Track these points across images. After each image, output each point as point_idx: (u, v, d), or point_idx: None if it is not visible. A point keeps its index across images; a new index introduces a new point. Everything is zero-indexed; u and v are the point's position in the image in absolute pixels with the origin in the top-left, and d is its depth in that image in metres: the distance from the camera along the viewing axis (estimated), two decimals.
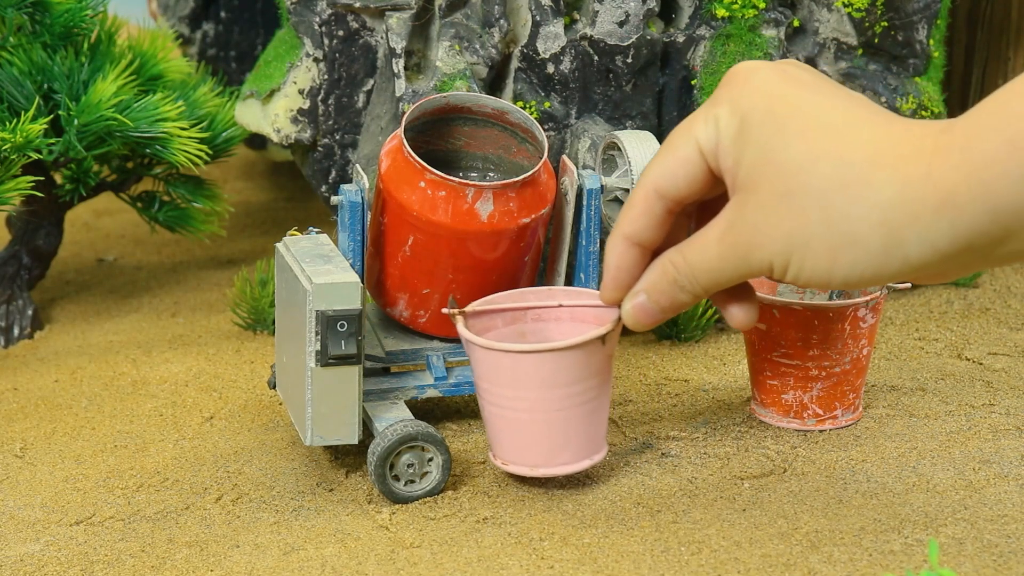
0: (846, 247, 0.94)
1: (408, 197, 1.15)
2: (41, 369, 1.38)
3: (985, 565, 1.03)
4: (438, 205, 1.15)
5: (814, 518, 1.10)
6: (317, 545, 1.09)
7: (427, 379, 1.21)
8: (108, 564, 1.08)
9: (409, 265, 1.18)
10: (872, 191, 0.92)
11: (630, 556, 1.06)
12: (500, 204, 1.15)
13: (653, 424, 1.24)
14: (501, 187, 1.15)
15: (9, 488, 1.18)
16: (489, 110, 1.19)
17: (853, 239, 0.93)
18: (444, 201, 1.15)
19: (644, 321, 1.07)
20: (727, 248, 0.99)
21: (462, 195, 1.14)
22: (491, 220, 1.15)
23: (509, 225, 1.16)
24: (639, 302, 1.06)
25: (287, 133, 1.36)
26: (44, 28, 1.41)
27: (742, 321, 1.07)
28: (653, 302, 1.06)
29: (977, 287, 1.48)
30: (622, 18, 1.32)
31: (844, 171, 0.93)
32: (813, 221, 0.94)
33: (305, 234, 1.19)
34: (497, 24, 1.32)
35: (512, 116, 1.19)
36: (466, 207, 1.14)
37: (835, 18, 1.38)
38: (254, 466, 1.20)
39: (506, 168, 1.21)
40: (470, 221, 1.15)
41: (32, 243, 1.47)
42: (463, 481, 1.17)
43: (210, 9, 1.74)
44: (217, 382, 1.34)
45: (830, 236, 0.94)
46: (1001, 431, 1.21)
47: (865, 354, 1.22)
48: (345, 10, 1.33)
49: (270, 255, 1.56)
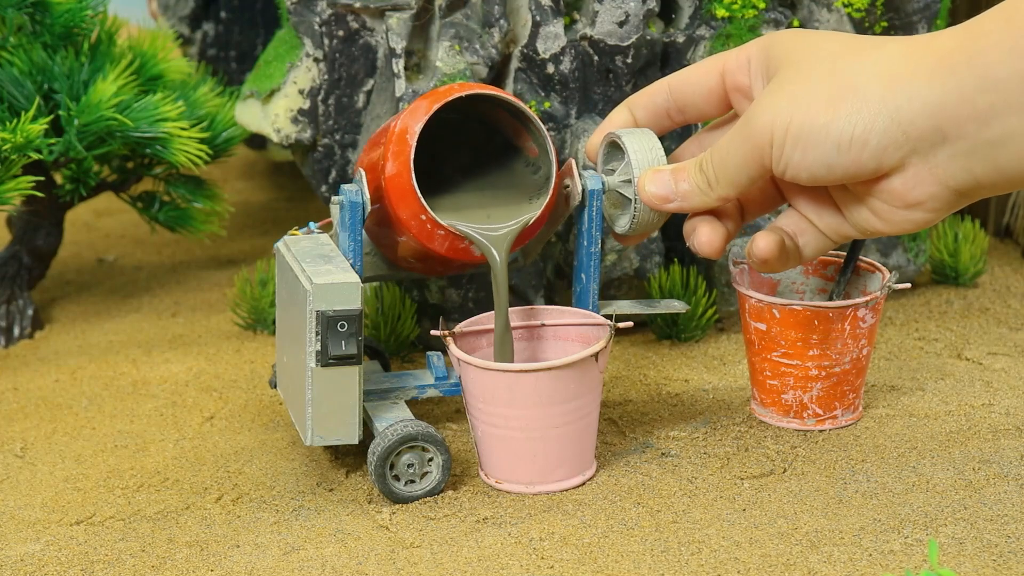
0: (846, 96, 1.00)
1: (408, 220, 1.15)
2: (41, 369, 1.38)
3: (985, 565, 1.04)
4: (435, 238, 1.15)
5: (814, 518, 1.10)
6: (317, 545, 1.09)
7: (427, 379, 1.21)
8: (108, 564, 1.08)
9: (405, 247, 1.19)
10: (880, 51, 1.00)
11: (630, 556, 1.06)
12: None
13: (653, 424, 1.24)
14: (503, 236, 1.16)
15: (9, 488, 1.18)
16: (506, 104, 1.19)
17: (854, 87, 0.99)
18: (442, 238, 1.15)
19: (656, 191, 1.12)
20: (737, 128, 1.05)
21: (461, 238, 1.15)
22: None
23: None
24: (662, 172, 1.12)
25: (287, 133, 1.36)
26: (44, 28, 1.41)
27: (704, 242, 1.11)
28: (673, 177, 1.11)
29: (977, 287, 1.48)
30: (622, 18, 1.32)
31: (856, 42, 1.02)
32: (819, 78, 1.01)
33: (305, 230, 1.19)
34: (497, 24, 1.32)
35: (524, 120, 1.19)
36: (463, 245, 1.15)
37: (835, 18, 1.38)
38: (254, 466, 1.20)
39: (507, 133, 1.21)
40: (464, 253, 1.17)
41: (32, 243, 1.47)
42: (463, 481, 1.17)
43: (210, 9, 1.74)
44: (217, 382, 1.34)
45: (832, 87, 1.00)
46: (1001, 431, 1.21)
47: (865, 354, 1.22)
48: (345, 10, 1.33)
49: (270, 255, 1.56)
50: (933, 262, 1.48)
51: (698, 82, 1.12)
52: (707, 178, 1.08)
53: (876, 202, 1.03)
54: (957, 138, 0.97)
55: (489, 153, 1.22)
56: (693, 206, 1.10)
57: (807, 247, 1.10)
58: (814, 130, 1.00)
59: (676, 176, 1.11)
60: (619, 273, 1.36)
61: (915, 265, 1.45)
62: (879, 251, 1.42)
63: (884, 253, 1.43)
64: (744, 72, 1.09)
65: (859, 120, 0.99)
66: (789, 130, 1.01)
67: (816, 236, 1.10)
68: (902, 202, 1.01)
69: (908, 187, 1.00)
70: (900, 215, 1.02)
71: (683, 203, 1.10)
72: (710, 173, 1.08)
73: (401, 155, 1.14)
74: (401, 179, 1.14)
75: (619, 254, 1.35)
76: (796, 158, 1.01)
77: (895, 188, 1.01)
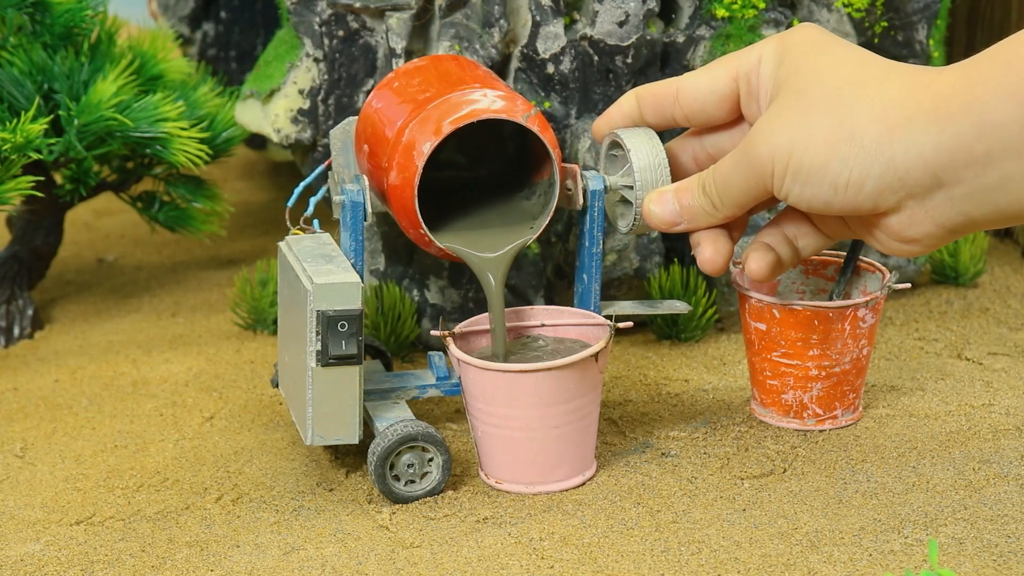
0: (844, 140, 0.99)
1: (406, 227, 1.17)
2: (41, 369, 1.38)
3: (985, 565, 1.03)
4: (431, 247, 1.17)
5: (814, 518, 1.10)
6: (317, 545, 1.09)
7: (429, 379, 1.21)
8: (108, 564, 1.08)
9: None
10: (879, 90, 0.99)
11: (630, 556, 1.06)
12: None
13: (653, 424, 1.24)
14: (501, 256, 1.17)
15: (9, 488, 1.18)
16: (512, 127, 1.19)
17: (852, 132, 0.99)
18: (437, 249, 1.17)
19: (662, 215, 1.12)
20: (739, 151, 1.06)
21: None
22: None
23: None
24: (666, 194, 1.12)
25: (287, 133, 1.36)
26: (44, 28, 1.41)
27: (707, 260, 1.11)
28: (677, 199, 1.12)
29: (977, 287, 1.48)
30: (622, 18, 1.32)
31: (860, 72, 1.01)
32: (820, 114, 1.01)
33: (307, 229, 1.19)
34: (497, 24, 1.32)
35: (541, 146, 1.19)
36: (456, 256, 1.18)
37: (835, 18, 1.38)
38: (254, 466, 1.20)
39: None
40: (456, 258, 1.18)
41: (32, 243, 1.47)
42: (463, 481, 1.17)
43: (210, 9, 1.74)
44: (217, 382, 1.34)
45: (832, 127, 1.00)
46: (1001, 431, 1.21)
47: (865, 354, 1.22)
48: (345, 10, 1.33)
49: (270, 255, 1.56)
50: (933, 262, 1.48)
51: (709, 89, 1.12)
52: (711, 201, 1.10)
53: (874, 231, 1.05)
54: (954, 183, 0.98)
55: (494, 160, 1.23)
56: (699, 226, 1.12)
57: (806, 248, 1.12)
58: (813, 169, 1.01)
59: (680, 197, 1.12)
60: (619, 273, 1.36)
61: (915, 265, 1.45)
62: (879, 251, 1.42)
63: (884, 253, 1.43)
64: (756, 74, 1.09)
65: (855, 165, 1.00)
66: (789, 165, 1.02)
67: (816, 237, 1.12)
68: (898, 237, 1.03)
69: (904, 226, 1.02)
70: (896, 246, 1.04)
71: (689, 224, 1.12)
72: (714, 196, 1.09)
73: (406, 171, 1.15)
74: (404, 194, 1.15)
75: (619, 254, 1.35)
76: (796, 191, 1.03)
77: (892, 225, 1.03)
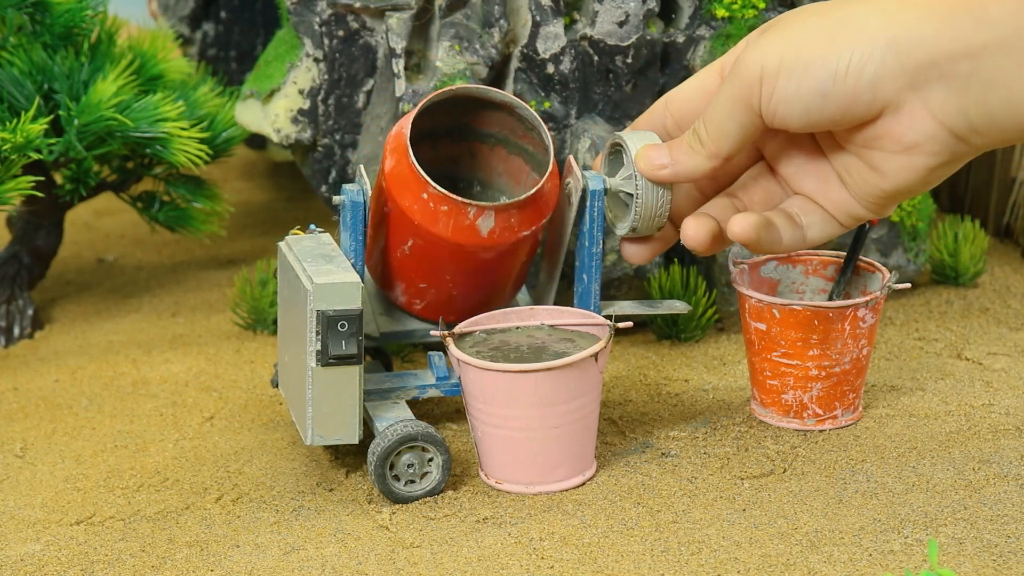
0: (843, 27, 0.99)
1: (409, 205, 1.15)
2: (41, 369, 1.38)
3: (985, 565, 1.04)
4: (439, 218, 1.15)
5: (814, 518, 1.10)
6: (317, 545, 1.09)
7: (428, 379, 1.21)
8: (108, 564, 1.08)
9: (407, 262, 1.18)
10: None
11: (630, 556, 1.06)
12: (501, 221, 1.15)
13: (653, 424, 1.24)
14: (504, 207, 1.15)
15: (9, 488, 1.18)
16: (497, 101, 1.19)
17: (851, 19, 0.99)
18: (446, 215, 1.14)
19: (653, 160, 1.12)
20: (726, 77, 1.05)
21: (464, 211, 1.14)
22: (491, 235, 1.15)
23: (509, 239, 1.16)
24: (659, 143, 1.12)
25: (287, 133, 1.36)
26: (44, 28, 1.41)
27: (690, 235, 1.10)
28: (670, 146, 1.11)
29: (977, 287, 1.48)
30: (622, 18, 1.32)
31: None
32: (813, 21, 1.01)
33: (307, 231, 1.19)
34: (497, 24, 1.32)
35: (519, 111, 1.19)
36: (467, 223, 1.14)
37: None
38: (254, 466, 1.20)
39: (512, 147, 1.21)
40: (470, 236, 1.15)
41: (32, 243, 1.47)
42: (463, 481, 1.17)
43: (210, 9, 1.74)
44: (217, 382, 1.34)
45: (828, 23, 1.00)
46: (1001, 431, 1.21)
47: (865, 354, 1.22)
48: (345, 10, 1.33)
49: (270, 255, 1.56)
50: (933, 262, 1.48)
51: (698, 87, 1.12)
52: (698, 136, 1.08)
53: (873, 153, 1.03)
54: (952, 76, 0.97)
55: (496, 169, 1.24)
56: (687, 169, 1.10)
57: (811, 228, 1.09)
58: (810, 61, 1.00)
59: (671, 144, 1.11)
60: (619, 273, 1.36)
61: (915, 265, 1.45)
62: (879, 251, 1.42)
63: (884, 253, 1.43)
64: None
65: (856, 48, 0.99)
66: (782, 64, 1.01)
67: (822, 217, 1.09)
68: (899, 145, 1.01)
69: (904, 127, 1.00)
70: (899, 162, 1.02)
71: (676, 167, 1.10)
72: (700, 130, 1.08)
73: (398, 149, 1.15)
74: (400, 167, 1.14)
75: (619, 254, 1.35)
76: (790, 90, 1.01)
77: (891, 129, 1.01)
